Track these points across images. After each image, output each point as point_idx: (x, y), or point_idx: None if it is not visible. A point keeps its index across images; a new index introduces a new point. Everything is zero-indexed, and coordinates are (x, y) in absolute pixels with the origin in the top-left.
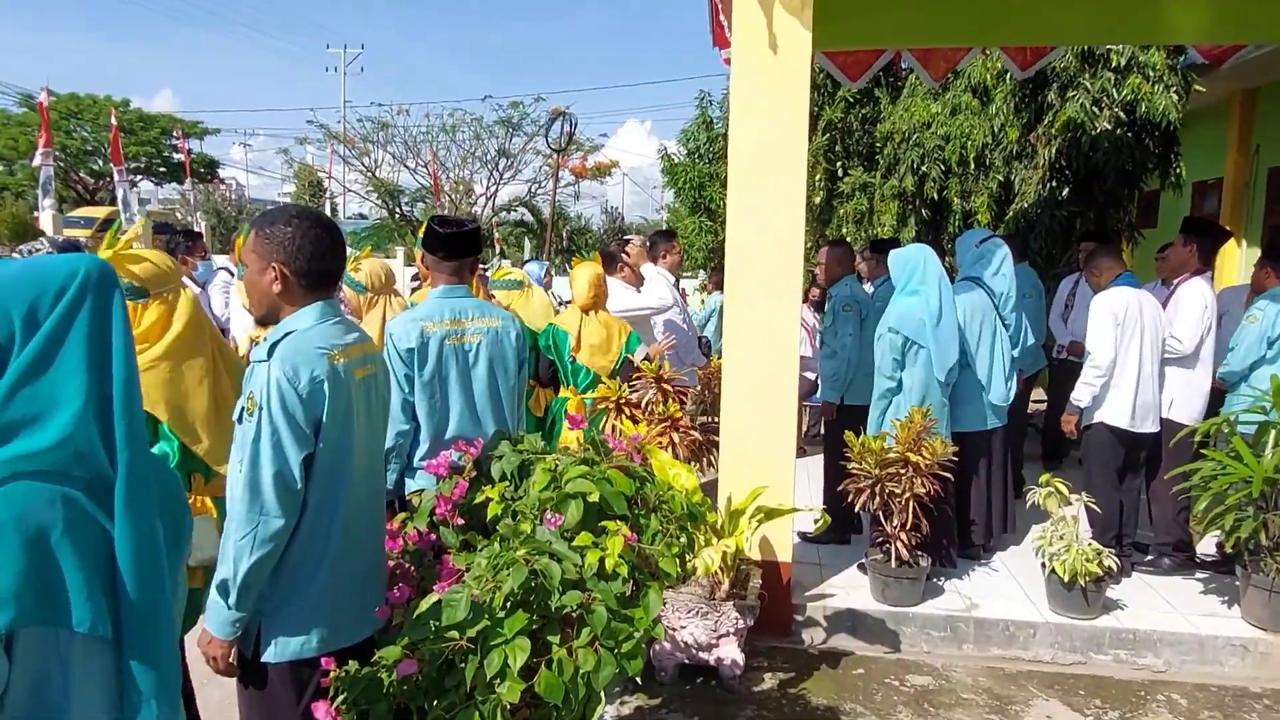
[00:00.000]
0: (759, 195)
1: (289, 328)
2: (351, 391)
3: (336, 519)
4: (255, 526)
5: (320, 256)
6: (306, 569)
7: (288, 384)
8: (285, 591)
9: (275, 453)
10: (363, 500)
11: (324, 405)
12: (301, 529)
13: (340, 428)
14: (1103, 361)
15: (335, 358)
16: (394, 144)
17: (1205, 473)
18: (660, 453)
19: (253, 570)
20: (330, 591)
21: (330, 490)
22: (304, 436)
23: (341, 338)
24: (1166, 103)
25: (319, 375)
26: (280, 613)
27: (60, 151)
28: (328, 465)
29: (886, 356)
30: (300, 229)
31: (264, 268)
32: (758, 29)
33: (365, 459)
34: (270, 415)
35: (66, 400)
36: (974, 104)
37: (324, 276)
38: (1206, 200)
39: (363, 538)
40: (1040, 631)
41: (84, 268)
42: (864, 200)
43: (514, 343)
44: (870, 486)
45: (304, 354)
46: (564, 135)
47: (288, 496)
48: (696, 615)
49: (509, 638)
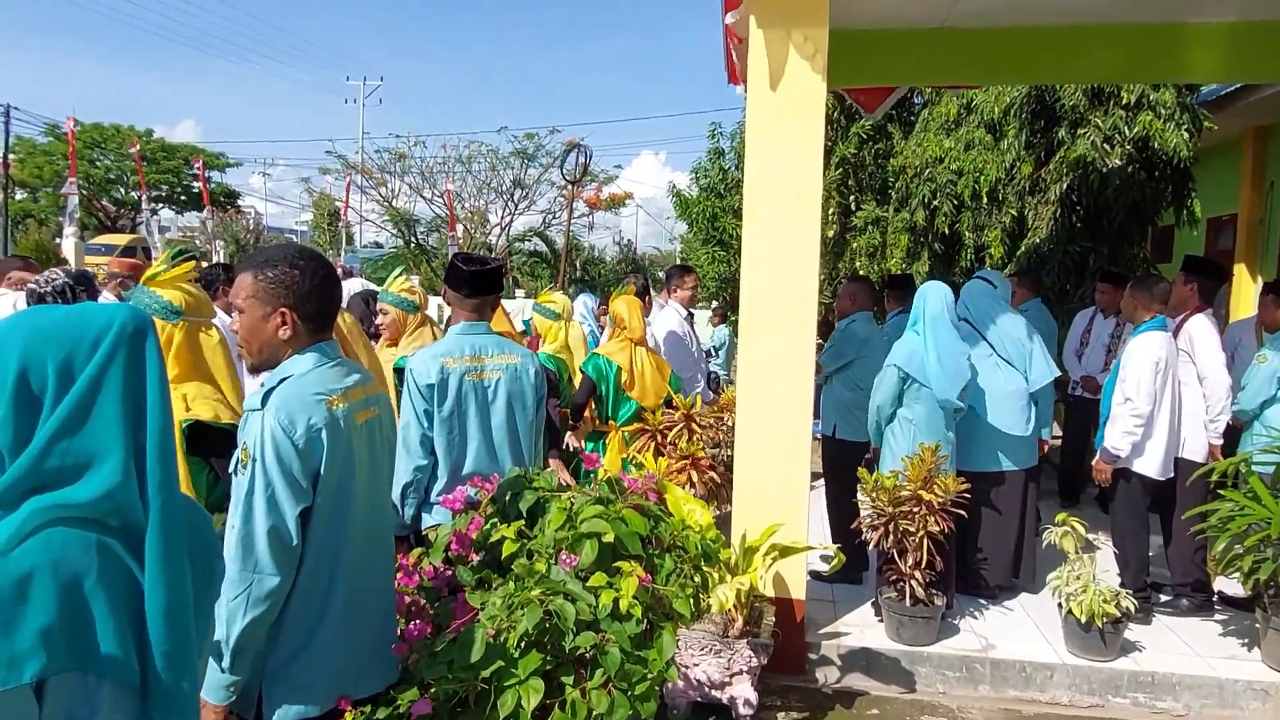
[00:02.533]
0: (773, 231)
1: (285, 373)
2: (352, 437)
3: (338, 571)
4: (249, 585)
5: (327, 299)
6: (306, 625)
7: (283, 434)
8: (286, 651)
9: (269, 507)
10: (367, 548)
11: (322, 456)
12: (299, 583)
13: (339, 477)
14: (1144, 410)
15: (334, 403)
16: (410, 174)
17: (1223, 513)
18: (676, 488)
19: (246, 632)
20: (335, 648)
21: (330, 541)
22: (300, 490)
23: (341, 381)
24: (1178, 140)
25: (316, 424)
26: (282, 674)
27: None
28: (326, 516)
29: (885, 391)
30: (307, 271)
31: (269, 313)
32: (773, 68)
33: (368, 506)
34: (264, 468)
35: (105, 453)
36: (987, 139)
37: (329, 319)
38: (1221, 236)
39: (369, 587)
40: (1058, 673)
41: (119, 319)
42: (876, 234)
43: (532, 380)
44: (884, 524)
45: (301, 401)
46: (579, 167)
47: (283, 553)
48: (710, 653)
49: (523, 678)
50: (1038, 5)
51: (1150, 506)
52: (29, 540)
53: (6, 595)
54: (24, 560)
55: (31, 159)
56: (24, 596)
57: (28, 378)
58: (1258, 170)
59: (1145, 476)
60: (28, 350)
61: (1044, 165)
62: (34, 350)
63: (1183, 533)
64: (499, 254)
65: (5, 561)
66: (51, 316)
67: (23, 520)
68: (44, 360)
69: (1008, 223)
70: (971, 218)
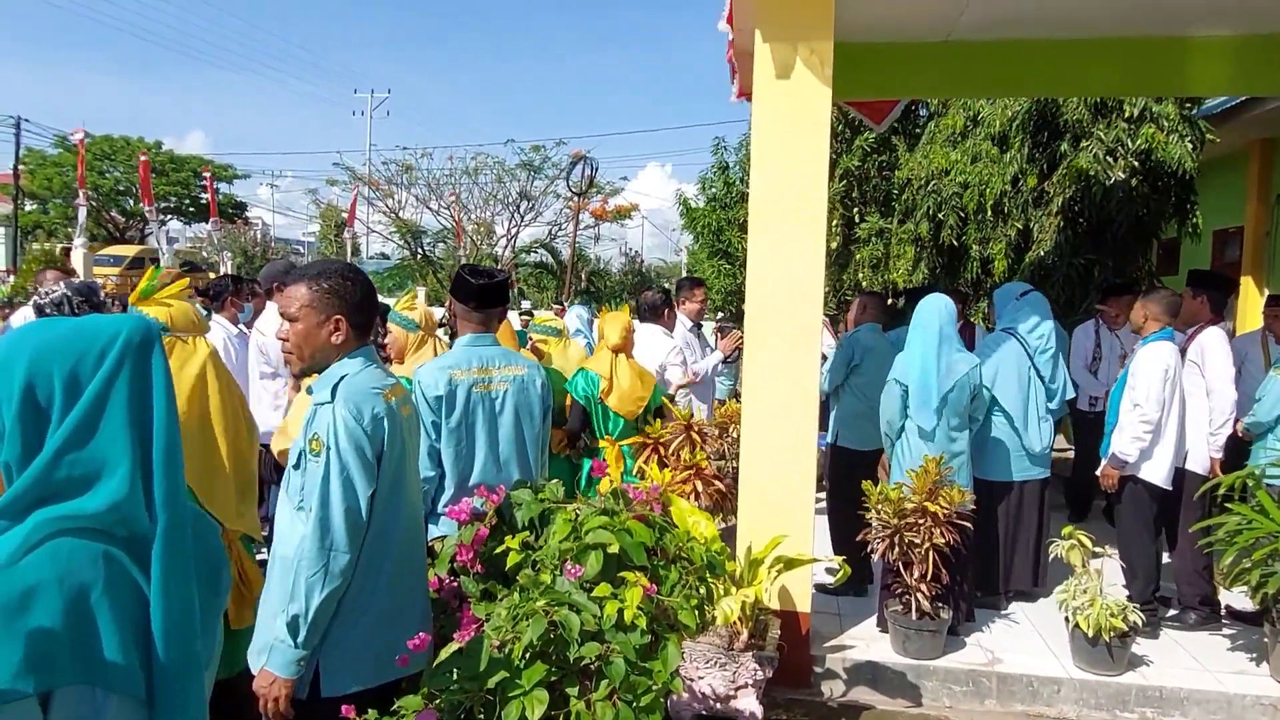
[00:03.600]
0: (778, 244)
1: (343, 371)
2: (404, 428)
3: (391, 550)
4: (326, 563)
5: (372, 308)
6: (361, 601)
7: (354, 422)
8: (343, 625)
9: (345, 489)
10: (411, 531)
11: (385, 440)
12: (360, 562)
13: (397, 462)
14: (1154, 417)
15: (388, 396)
16: (417, 186)
17: (1230, 527)
18: (680, 500)
19: (323, 607)
20: (384, 621)
21: (386, 522)
22: (371, 471)
23: (385, 380)
24: (1181, 152)
25: (379, 412)
26: (338, 648)
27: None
28: (385, 499)
29: (890, 405)
30: (357, 283)
31: (323, 320)
32: (778, 81)
33: (413, 492)
34: (339, 453)
35: (112, 464)
36: (993, 151)
37: (371, 326)
38: (1228, 248)
39: (413, 568)
40: (1065, 688)
41: (125, 330)
42: (880, 246)
43: (539, 391)
44: (889, 537)
45: (364, 393)
46: (585, 179)
47: (356, 531)
48: (715, 666)
49: (527, 689)
50: (1041, 19)
51: (1155, 518)
52: (35, 551)
53: (13, 606)
54: (30, 572)
55: (42, 170)
56: (30, 608)
57: (34, 391)
58: (1264, 183)
59: (1151, 484)
60: (34, 363)
61: (1047, 178)
62: (40, 363)
63: (1188, 546)
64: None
65: (11, 573)
66: (58, 329)
67: (29, 531)
68: (50, 373)
69: (1012, 236)
70: (976, 230)
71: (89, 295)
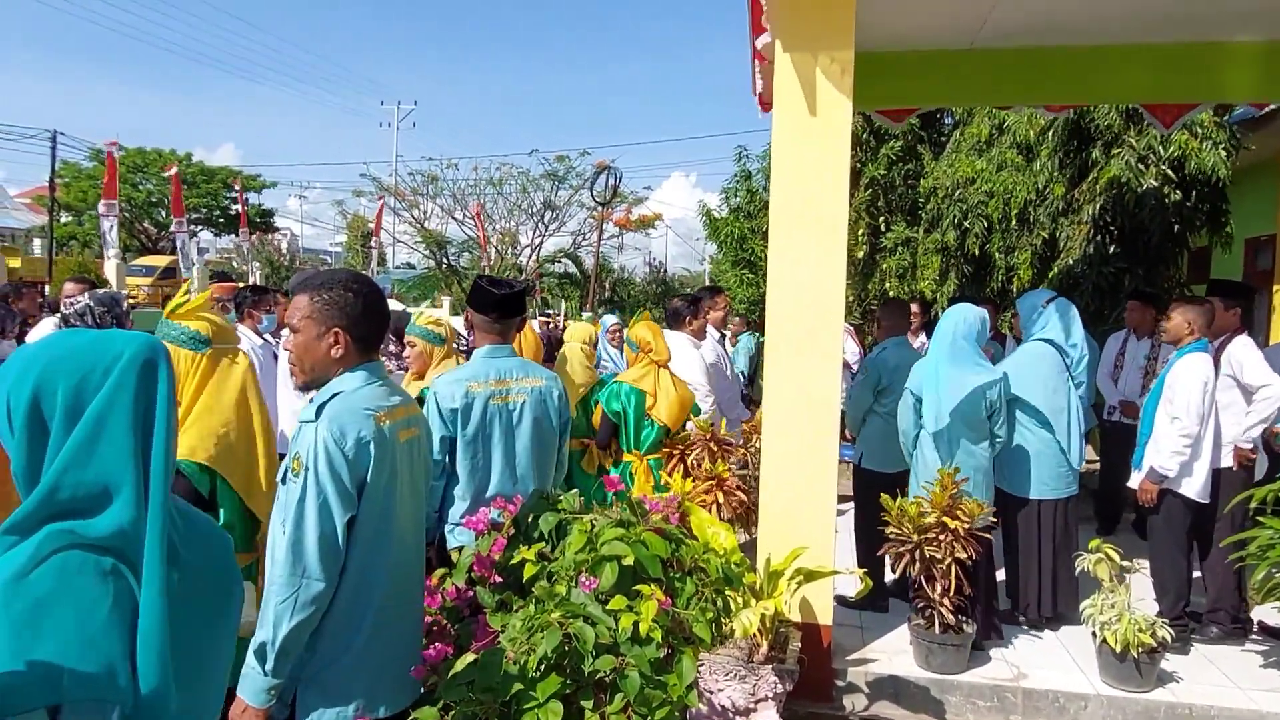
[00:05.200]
0: (798, 254)
1: (337, 389)
2: (396, 454)
3: (377, 584)
4: (297, 590)
5: (377, 320)
6: (345, 635)
7: (334, 445)
8: (323, 658)
9: (321, 514)
10: (404, 565)
11: (369, 467)
12: (341, 593)
13: (384, 491)
14: (1193, 430)
15: (382, 419)
16: (443, 196)
17: (1263, 541)
18: (700, 511)
19: (292, 635)
20: (369, 658)
21: (372, 554)
22: (349, 498)
23: (387, 400)
24: (1215, 159)
25: (365, 436)
26: (317, 679)
27: (126, 203)
28: (370, 529)
29: (904, 416)
30: (360, 293)
31: (323, 332)
32: (799, 92)
33: (409, 523)
34: (317, 476)
35: (115, 486)
36: (1019, 160)
37: (377, 340)
38: (1260, 256)
39: (403, 603)
40: (1092, 704)
41: (130, 350)
42: (906, 255)
43: (557, 403)
44: (910, 551)
45: (352, 414)
46: (609, 188)
47: (331, 559)
48: (734, 678)
49: (542, 701)
50: (1066, 26)
51: (1188, 533)
52: (45, 564)
53: (23, 620)
54: (41, 585)
55: (77, 183)
56: (41, 621)
57: (40, 405)
58: None
59: (1188, 498)
60: (42, 377)
61: (1077, 185)
62: (48, 377)
63: (1218, 560)
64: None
65: (22, 585)
66: (70, 343)
67: (38, 544)
68: (55, 388)
69: (1039, 244)
70: (1002, 239)
71: (112, 306)
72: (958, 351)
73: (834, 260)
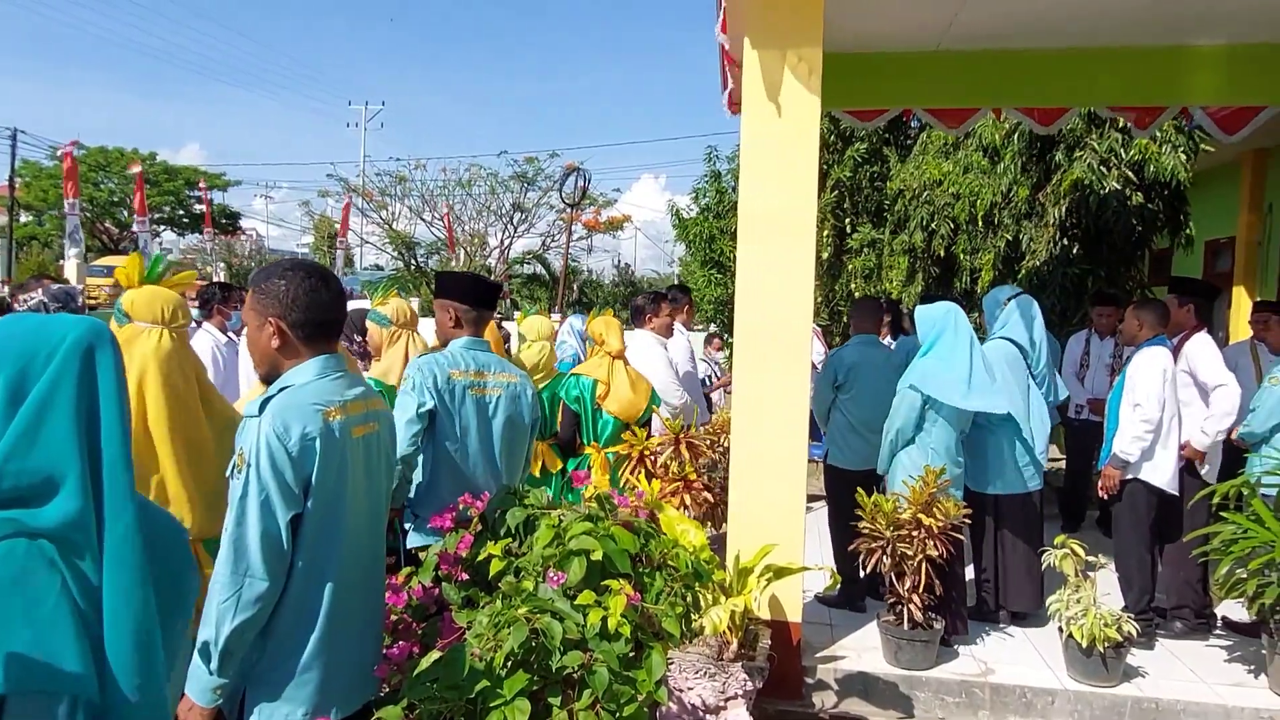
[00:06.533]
0: (768, 254)
1: (286, 382)
2: (347, 450)
3: (327, 582)
4: (239, 589)
5: (315, 307)
6: (295, 635)
7: (277, 441)
8: (272, 658)
9: (263, 512)
10: (358, 564)
11: (315, 464)
12: (290, 592)
13: (333, 488)
14: (1154, 416)
15: (331, 414)
16: (411, 197)
17: (1226, 536)
18: (670, 509)
19: (235, 635)
20: (320, 658)
21: (321, 552)
22: (293, 496)
23: (342, 393)
24: (1175, 163)
25: (311, 432)
26: (266, 679)
27: (87, 203)
28: (318, 526)
29: (905, 414)
30: (294, 281)
31: (261, 323)
32: (767, 89)
33: (363, 520)
34: (259, 473)
35: (60, 474)
36: (984, 163)
37: (321, 328)
38: (1220, 258)
39: (357, 603)
40: (1059, 699)
41: (72, 334)
42: (872, 256)
43: (529, 400)
44: (882, 548)
45: (297, 410)
46: (578, 190)
47: (274, 558)
48: (704, 676)
49: (509, 699)
50: (1033, 28)
51: (1152, 526)
52: None
53: None
54: None
55: (37, 182)
56: None
57: None
58: (1256, 193)
59: (1153, 486)
60: None
61: (1041, 188)
62: None
63: (1181, 555)
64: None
65: None
66: (13, 328)
67: None
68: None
69: (1003, 246)
70: (968, 240)
71: (66, 301)
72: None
73: (802, 260)
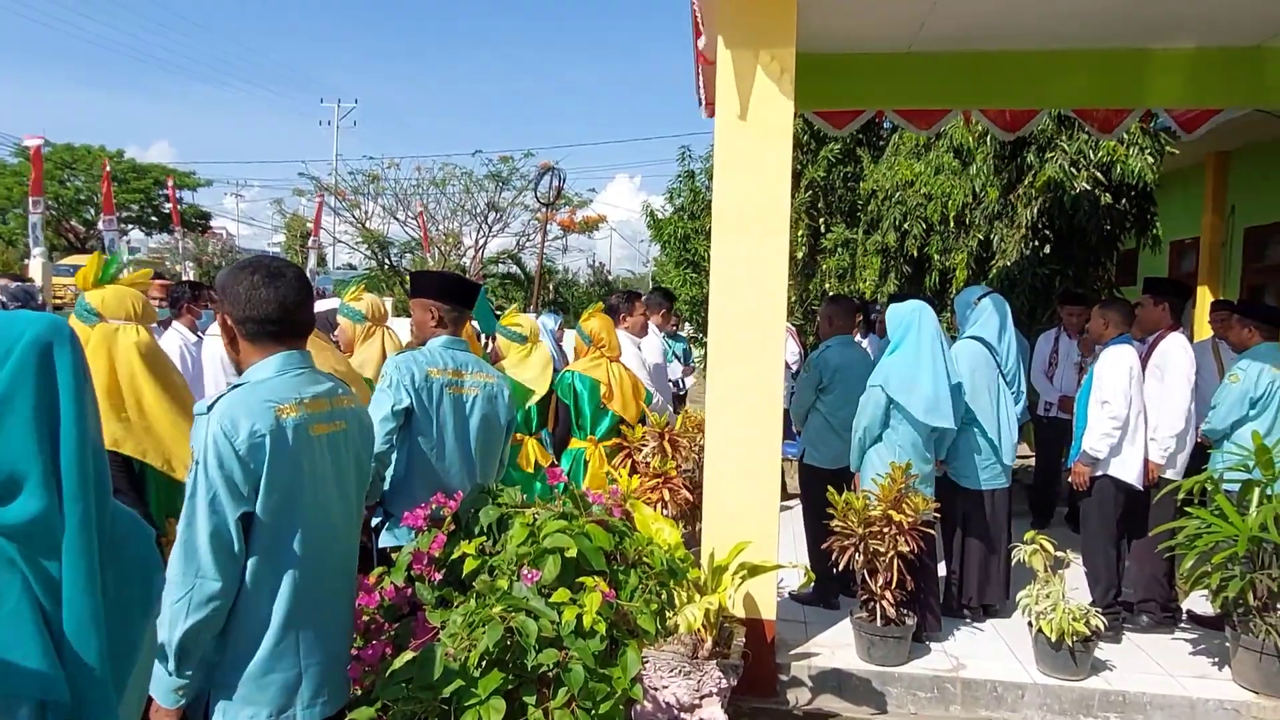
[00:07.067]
0: (741, 253)
1: (243, 379)
2: (302, 448)
3: (286, 583)
4: (191, 589)
5: (254, 305)
6: (251, 634)
7: (225, 439)
8: (232, 659)
9: (211, 511)
10: (325, 564)
11: (265, 462)
12: (246, 592)
13: (286, 486)
14: (1121, 413)
15: (286, 411)
16: (384, 196)
17: (1190, 531)
18: (644, 507)
19: (189, 635)
20: (283, 660)
21: (278, 552)
22: (240, 495)
23: (300, 390)
24: (1142, 164)
25: (260, 430)
26: (226, 681)
27: (53, 201)
28: (273, 525)
29: (872, 413)
30: (243, 279)
31: (222, 322)
32: (740, 89)
33: (328, 520)
34: (206, 471)
35: (21, 473)
36: (955, 164)
37: (264, 325)
38: (1184, 259)
39: (326, 604)
40: (1029, 693)
41: (30, 331)
42: (846, 256)
43: (506, 401)
44: (854, 545)
45: (247, 407)
46: (552, 190)
47: (225, 558)
48: (679, 674)
49: (484, 698)
50: (1003, 31)
51: (1119, 521)
52: None
53: None
54: None
55: (1, 180)
56: None
57: None
58: (1218, 195)
59: (1121, 481)
60: None
61: (1013, 189)
62: None
63: (1148, 550)
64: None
65: None
66: None
67: None
68: None
69: (974, 246)
70: (940, 241)
71: (26, 300)
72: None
73: (776, 259)
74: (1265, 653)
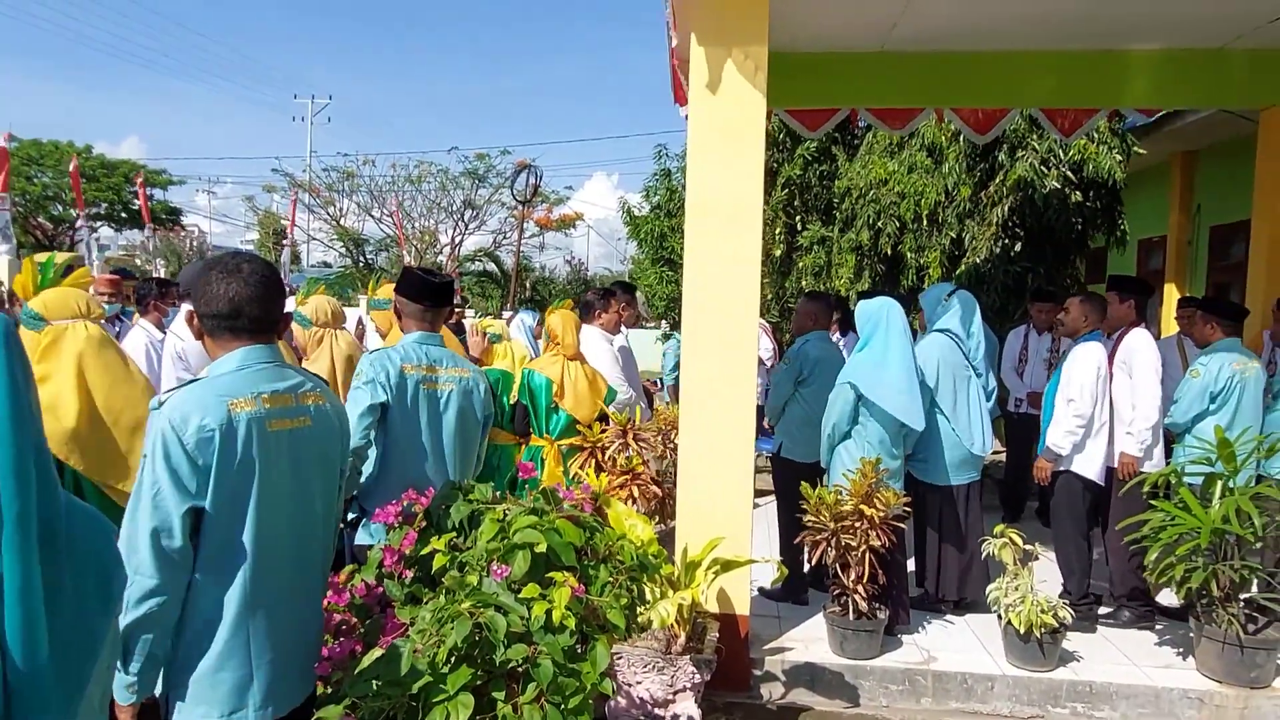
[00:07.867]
0: (715, 250)
1: (205, 374)
2: (255, 443)
3: (237, 582)
4: (129, 585)
5: (209, 300)
6: (204, 634)
7: (173, 433)
8: (184, 658)
9: (154, 507)
10: (282, 562)
11: (214, 458)
12: (196, 589)
13: (237, 481)
14: (1086, 411)
15: (239, 406)
16: (359, 193)
17: (1155, 523)
18: (618, 503)
19: (127, 632)
20: (234, 658)
21: (228, 550)
22: (186, 490)
23: (258, 385)
24: (1111, 163)
25: (209, 425)
26: (179, 680)
27: (20, 197)
28: (222, 521)
29: (841, 408)
30: (209, 276)
31: (189, 318)
32: (713, 85)
33: (287, 517)
34: (154, 467)
35: None
36: (928, 163)
37: (220, 320)
38: (1151, 257)
39: (283, 603)
40: (998, 685)
41: None
42: (822, 254)
43: (482, 395)
44: (826, 539)
45: (199, 401)
46: (529, 187)
47: (163, 555)
48: (653, 670)
49: (452, 694)
50: (975, 31)
51: (1088, 514)
52: None
53: None
54: None
55: None
56: None
57: None
58: (1185, 194)
59: (1084, 477)
60: None
61: (984, 188)
62: None
63: (1120, 544)
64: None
65: None
66: None
67: None
68: None
69: (947, 244)
70: (913, 238)
71: None
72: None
73: (749, 254)
74: (1228, 642)
